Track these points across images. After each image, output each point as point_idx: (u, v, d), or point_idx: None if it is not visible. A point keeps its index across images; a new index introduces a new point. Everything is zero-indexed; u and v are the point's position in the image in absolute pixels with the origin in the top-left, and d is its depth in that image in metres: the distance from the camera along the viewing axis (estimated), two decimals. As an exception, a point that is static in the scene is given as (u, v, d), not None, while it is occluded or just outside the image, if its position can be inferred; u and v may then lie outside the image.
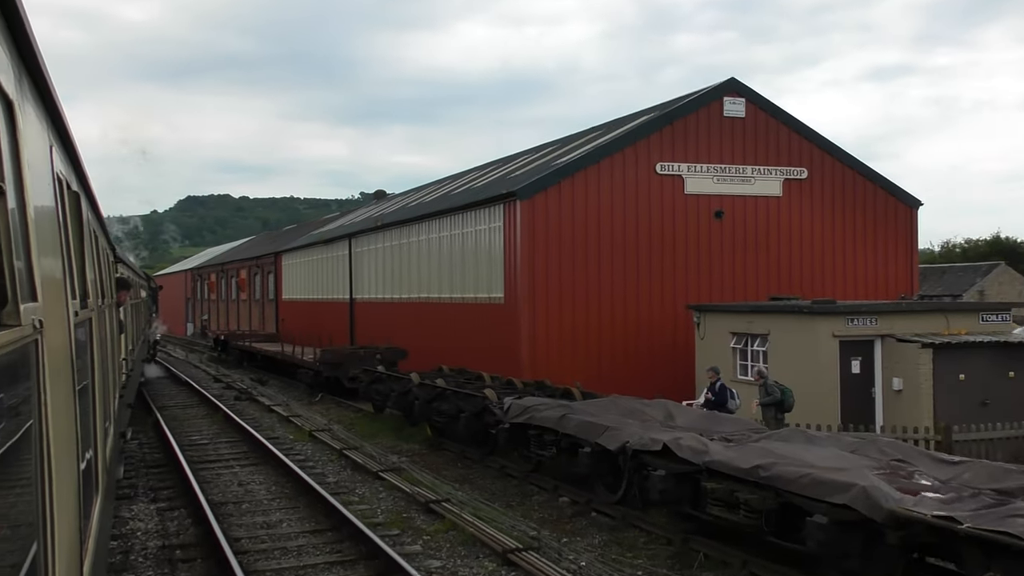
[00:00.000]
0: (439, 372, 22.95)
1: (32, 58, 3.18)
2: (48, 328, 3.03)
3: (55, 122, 4.30)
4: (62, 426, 3.41)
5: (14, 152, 2.71)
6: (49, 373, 3.02)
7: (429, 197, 36.95)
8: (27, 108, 3.16)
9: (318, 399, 28.19)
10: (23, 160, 2.81)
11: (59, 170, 4.29)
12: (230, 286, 66.15)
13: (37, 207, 3.05)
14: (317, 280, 44.25)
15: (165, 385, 34.32)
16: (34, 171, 3.09)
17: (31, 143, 3.12)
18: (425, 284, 30.64)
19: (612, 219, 24.87)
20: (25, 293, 2.61)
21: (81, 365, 4.83)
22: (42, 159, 3.58)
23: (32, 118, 3.32)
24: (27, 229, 2.78)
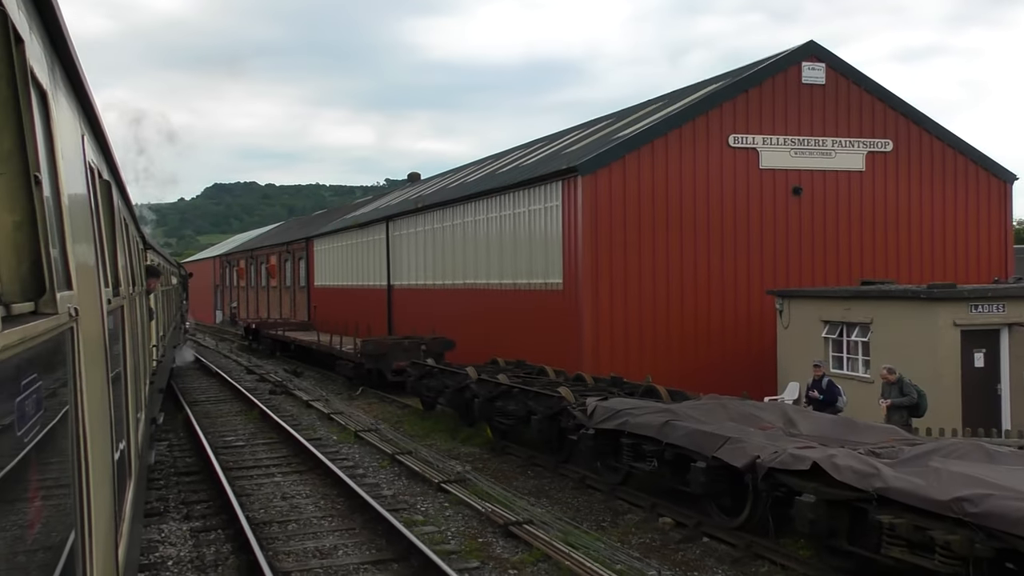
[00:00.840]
0: (495, 365, 20.90)
1: (64, 48, 3.28)
2: (83, 316, 3.08)
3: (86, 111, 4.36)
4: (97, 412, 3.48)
5: (48, 142, 2.75)
6: (84, 360, 3.06)
7: (472, 177, 34.82)
8: (60, 98, 3.22)
9: (359, 393, 26.24)
10: (57, 150, 2.88)
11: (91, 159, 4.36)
12: (259, 273, 64.48)
13: (71, 196, 3.12)
14: (352, 266, 42.32)
15: (195, 377, 32.54)
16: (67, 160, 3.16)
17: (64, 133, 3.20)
18: (471, 269, 28.57)
19: (681, 197, 22.65)
20: (61, 281, 2.65)
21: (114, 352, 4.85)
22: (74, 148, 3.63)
23: (65, 108, 3.40)
24: (62, 218, 2.85)
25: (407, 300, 34.73)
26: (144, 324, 11.38)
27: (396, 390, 25.58)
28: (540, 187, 24.08)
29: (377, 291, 38.17)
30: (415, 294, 33.81)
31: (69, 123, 3.51)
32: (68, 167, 3.12)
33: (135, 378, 7.54)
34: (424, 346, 25.72)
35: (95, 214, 4.25)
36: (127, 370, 6.21)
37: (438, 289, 31.46)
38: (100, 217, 4.63)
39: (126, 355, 6.26)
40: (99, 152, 5.29)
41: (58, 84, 3.21)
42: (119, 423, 4.99)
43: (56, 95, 3.04)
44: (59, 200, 2.81)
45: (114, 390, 4.59)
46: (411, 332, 29.47)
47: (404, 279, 35.12)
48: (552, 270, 23.36)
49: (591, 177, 21.97)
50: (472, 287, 28.42)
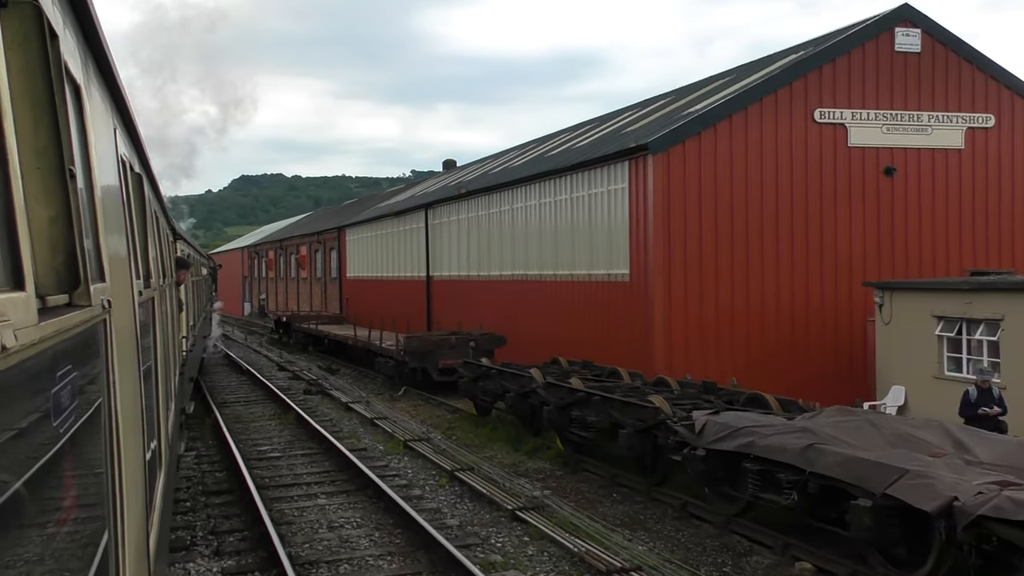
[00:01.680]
0: (556, 366, 18.72)
1: (97, 42, 3.31)
2: (115, 308, 3.11)
3: (118, 104, 4.46)
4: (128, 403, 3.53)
5: (82, 136, 2.78)
6: (116, 351, 3.10)
7: (516, 161, 32.59)
8: (93, 91, 3.29)
9: (401, 394, 24.15)
10: (90, 143, 2.92)
11: (122, 152, 4.47)
12: (289, 263, 62.65)
13: (104, 189, 3.20)
14: (387, 256, 40.24)
15: (224, 374, 30.59)
16: (100, 154, 3.23)
17: (97, 126, 3.25)
18: (520, 260, 26.36)
19: (762, 178, 20.30)
20: (94, 274, 2.68)
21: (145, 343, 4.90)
22: (107, 142, 3.72)
23: (97, 101, 3.47)
24: (95, 211, 2.90)
25: (448, 292, 32.60)
26: (174, 315, 11.56)
27: (442, 391, 23.47)
28: (602, 169, 21.81)
29: (415, 283, 36.08)
30: (457, 286, 31.67)
31: (102, 116, 3.60)
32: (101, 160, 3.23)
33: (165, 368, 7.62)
34: (473, 343, 23.59)
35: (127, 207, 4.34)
36: (157, 361, 6.28)
37: (482, 281, 29.29)
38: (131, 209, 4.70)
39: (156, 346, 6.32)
40: (130, 145, 5.34)
41: (91, 78, 3.29)
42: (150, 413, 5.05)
43: (89, 89, 3.13)
44: (92, 193, 2.91)
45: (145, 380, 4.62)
46: (456, 327, 27.33)
47: (444, 270, 32.98)
48: (617, 259, 21.11)
49: (663, 156, 19.68)
50: (521, 279, 26.22)
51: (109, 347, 2.93)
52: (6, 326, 1.51)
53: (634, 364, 18.63)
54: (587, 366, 18.26)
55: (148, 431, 4.70)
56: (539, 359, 22.36)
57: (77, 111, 2.72)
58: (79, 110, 2.76)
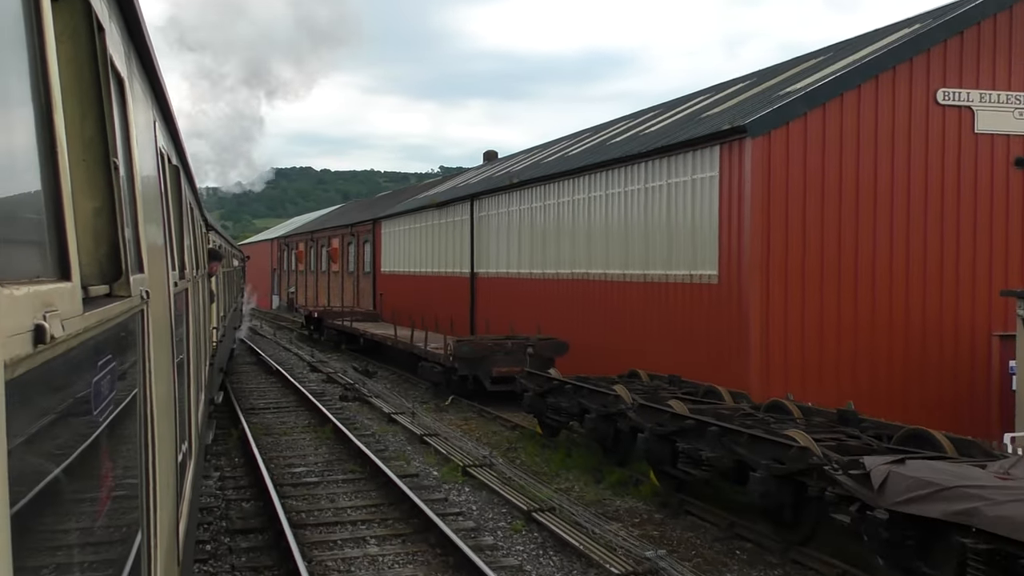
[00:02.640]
0: (636, 380, 16.13)
1: (140, 35, 3.38)
2: (152, 298, 3.15)
3: (158, 97, 4.54)
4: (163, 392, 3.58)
5: (124, 129, 2.81)
6: (153, 341, 3.14)
7: (574, 150, 29.92)
8: (135, 84, 3.36)
9: (448, 403, 21.60)
10: (132, 136, 2.97)
11: (161, 144, 4.57)
12: (320, 256, 60.42)
13: (144, 181, 3.25)
14: (426, 250, 37.73)
15: (253, 374, 28.18)
16: (141, 147, 3.29)
17: (139, 119, 3.34)
18: (581, 257, 23.73)
19: (876, 167, 17.54)
20: (134, 265, 2.70)
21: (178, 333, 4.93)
22: (147, 134, 3.81)
23: (139, 94, 3.56)
24: (135, 203, 2.94)
25: (494, 291, 30.02)
26: (206, 306, 11.54)
27: (495, 401, 20.93)
28: (685, 155, 19.12)
29: (457, 280, 33.53)
30: (504, 284, 29.07)
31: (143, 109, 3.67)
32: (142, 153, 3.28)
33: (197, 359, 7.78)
34: (531, 349, 20.99)
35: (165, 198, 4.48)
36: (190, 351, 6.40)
37: (535, 279, 26.68)
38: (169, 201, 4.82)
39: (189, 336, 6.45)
40: (168, 137, 5.42)
41: (133, 71, 3.34)
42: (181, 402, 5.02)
43: (132, 81, 3.18)
44: (133, 185, 2.94)
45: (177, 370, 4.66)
46: (507, 329, 24.76)
47: (491, 266, 30.39)
48: (703, 258, 18.42)
49: (763, 140, 16.96)
50: (581, 278, 23.59)
51: (146, 337, 2.98)
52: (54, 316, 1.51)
53: (721, 380, 16.01)
54: (675, 382, 15.62)
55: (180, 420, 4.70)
56: (601, 369, 19.79)
57: (120, 104, 2.78)
58: (122, 103, 2.83)
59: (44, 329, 1.42)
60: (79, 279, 1.83)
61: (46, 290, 1.53)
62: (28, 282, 1.48)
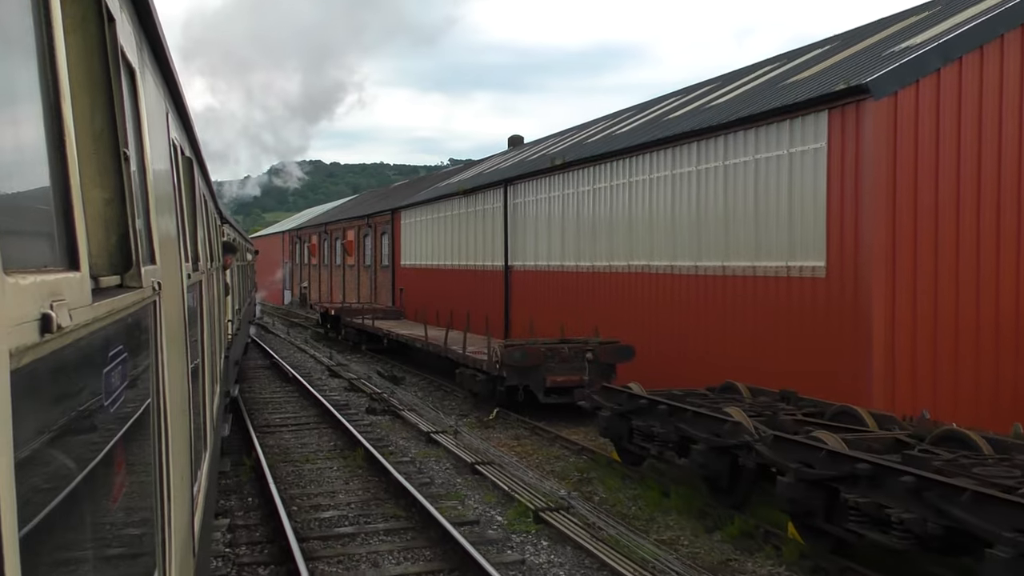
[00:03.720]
0: (735, 395, 13.15)
1: (151, 25, 3.36)
2: (165, 290, 3.15)
3: (170, 88, 4.56)
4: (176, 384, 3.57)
5: (136, 119, 2.80)
6: (165, 332, 3.12)
7: (623, 128, 26.85)
8: (147, 76, 3.34)
9: (493, 417, 18.63)
10: (144, 127, 2.94)
11: (174, 136, 4.55)
12: (334, 249, 57.52)
13: (156, 172, 3.23)
14: (452, 242, 34.74)
15: (266, 380, 25.24)
16: (153, 137, 3.27)
17: (151, 110, 3.32)
18: (642, 247, 20.72)
19: (1023, 134, 14.49)
20: (145, 256, 2.68)
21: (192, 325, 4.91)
22: (159, 125, 3.80)
23: (151, 86, 3.54)
24: (147, 194, 2.91)
25: (533, 286, 27.01)
26: (220, 298, 11.50)
27: (547, 414, 18.01)
28: (780, 124, 16.07)
29: (488, 273, 30.54)
30: (545, 279, 26.07)
31: (155, 100, 3.64)
32: (154, 144, 3.25)
33: (211, 351, 7.72)
34: (590, 354, 17.99)
35: (177, 190, 4.46)
36: (204, 343, 6.32)
37: (583, 273, 23.68)
38: (182, 193, 4.78)
39: (203, 328, 6.31)
40: (181, 128, 5.42)
41: (145, 62, 3.32)
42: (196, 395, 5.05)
43: (143, 73, 3.15)
44: (145, 176, 2.91)
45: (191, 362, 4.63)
46: (559, 331, 21.78)
47: (529, 259, 27.38)
48: (804, 247, 15.39)
49: (888, 102, 13.90)
50: (643, 271, 20.58)
51: (158, 328, 2.95)
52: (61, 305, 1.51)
53: (830, 392, 13.09)
54: (790, 398, 12.60)
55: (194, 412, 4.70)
56: (671, 379, 16.91)
57: (132, 95, 2.76)
58: (133, 94, 2.80)
59: (51, 318, 1.41)
60: (88, 269, 1.84)
61: (53, 279, 1.53)
62: (35, 271, 1.48)
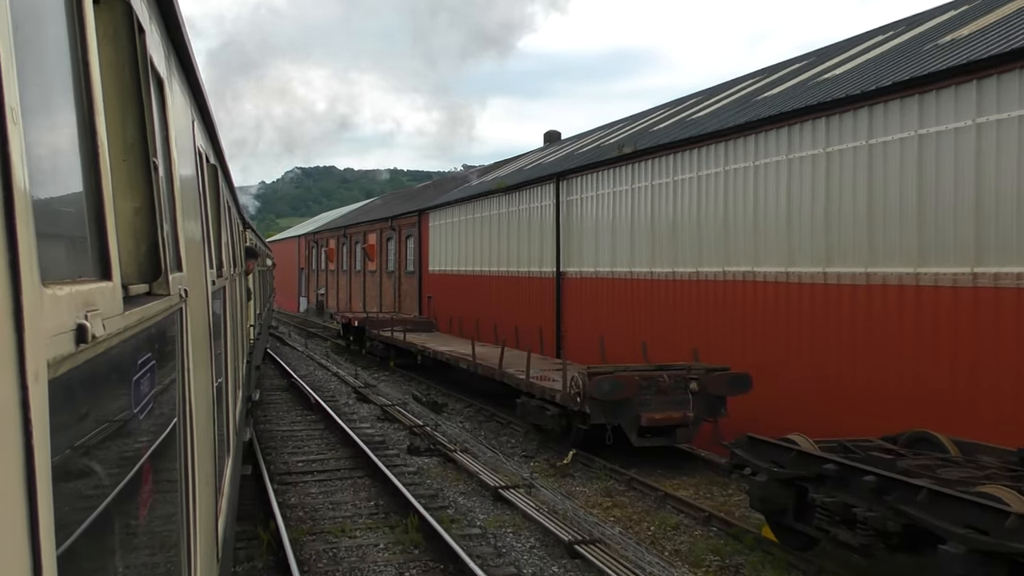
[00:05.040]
0: (925, 448, 9.33)
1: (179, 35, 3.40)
2: (191, 297, 3.18)
3: (196, 97, 4.61)
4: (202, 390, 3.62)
5: (164, 129, 2.82)
6: (191, 339, 3.17)
7: (700, 111, 23.01)
8: (174, 85, 3.40)
9: (568, 461, 14.84)
10: (171, 136, 2.99)
11: (200, 144, 4.64)
12: (354, 254, 53.88)
13: (183, 181, 3.27)
14: (489, 245, 30.96)
15: (284, 408, 21.46)
16: (180, 146, 3.32)
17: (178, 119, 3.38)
18: (742, 250, 16.91)
19: None
20: (173, 264, 2.71)
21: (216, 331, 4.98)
22: (186, 134, 3.84)
23: (178, 94, 3.59)
24: (175, 203, 2.95)
25: (593, 296, 23.20)
26: (243, 304, 11.72)
27: (637, 458, 14.25)
28: (966, 84, 12.25)
29: (535, 281, 26.74)
30: (609, 288, 22.26)
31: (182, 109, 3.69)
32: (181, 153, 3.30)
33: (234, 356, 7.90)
34: (695, 384, 14.19)
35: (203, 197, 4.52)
36: (227, 348, 6.39)
37: (660, 280, 19.87)
38: (207, 200, 4.85)
39: (227, 334, 6.42)
40: (206, 136, 5.48)
41: (173, 71, 3.36)
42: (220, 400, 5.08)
43: (171, 82, 3.20)
44: (172, 185, 2.94)
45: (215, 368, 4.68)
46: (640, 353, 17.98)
47: (587, 264, 23.57)
48: (996, 249, 11.55)
49: None
50: (743, 279, 16.77)
51: (185, 335, 2.99)
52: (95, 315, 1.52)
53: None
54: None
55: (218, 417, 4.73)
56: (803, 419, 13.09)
57: (160, 104, 2.78)
58: (162, 103, 2.83)
59: (86, 328, 1.42)
60: (119, 278, 1.86)
61: (87, 289, 1.54)
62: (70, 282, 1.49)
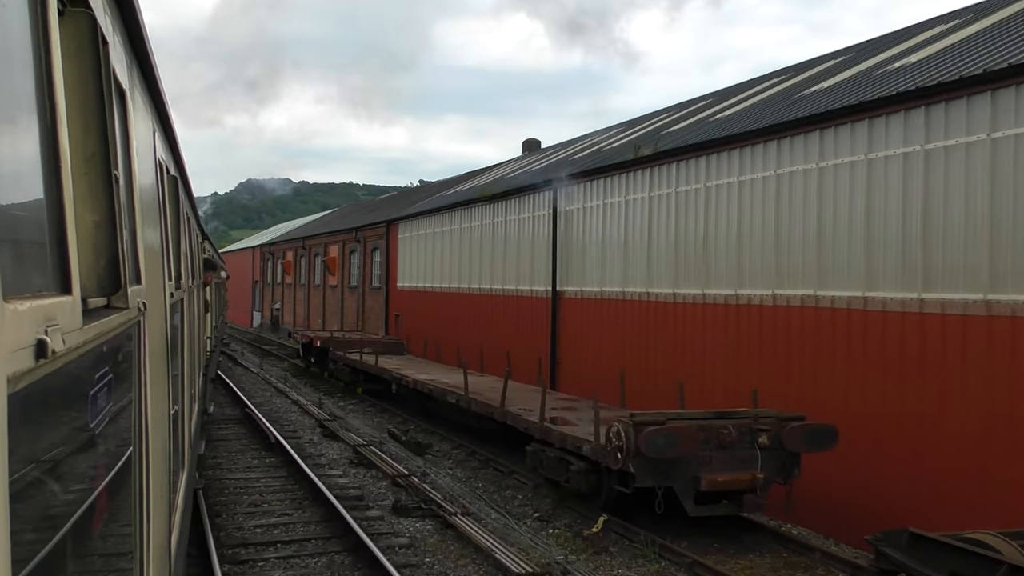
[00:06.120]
0: None
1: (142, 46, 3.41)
2: (150, 309, 3.15)
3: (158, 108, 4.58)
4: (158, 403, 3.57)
5: (125, 141, 2.80)
6: (149, 352, 3.12)
7: (730, 108, 20.18)
8: (136, 96, 3.36)
9: (597, 529, 11.76)
10: (132, 148, 2.97)
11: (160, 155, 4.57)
12: (313, 267, 50.44)
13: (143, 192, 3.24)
14: (469, 260, 27.88)
15: (239, 445, 18.04)
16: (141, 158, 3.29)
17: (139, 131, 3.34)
18: (803, 268, 14.08)
19: None
20: (131, 277, 2.67)
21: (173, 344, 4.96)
22: (147, 146, 3.81)
23: (140, 106, 3.56)
24: (134, 215, 2.91)
25: (595, 318, 20.23)
26: (200, 316, 11.85)
27: (684, 527, 11.23)
28: None
29: (525, 301, 23.72)
30: (618, 309, 19.32)
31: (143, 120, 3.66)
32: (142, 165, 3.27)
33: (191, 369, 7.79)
34: (764, 435, 11.23)
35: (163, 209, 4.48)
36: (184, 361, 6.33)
37: (689, 304, 16.98)
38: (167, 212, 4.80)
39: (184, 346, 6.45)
40: (167, 147, 5.47)
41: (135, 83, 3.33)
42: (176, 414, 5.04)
43: (133, 93, 3.17)
44: (132, 197, 2.89)
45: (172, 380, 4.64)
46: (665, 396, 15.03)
47: (590, 283, 20.61)
48: None
49: None
50: (802, 304, 13.93)
51: (143, 348, 2.95)
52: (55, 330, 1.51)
53: None
54: None
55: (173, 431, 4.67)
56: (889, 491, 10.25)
57: (122, 116, 2.75)
58: (123, 115, 2.81)
59: (46, 344, 1.42)
60: (79, 292, 1.84)
61: (48, 304, 1.52)
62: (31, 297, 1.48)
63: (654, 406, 15.80)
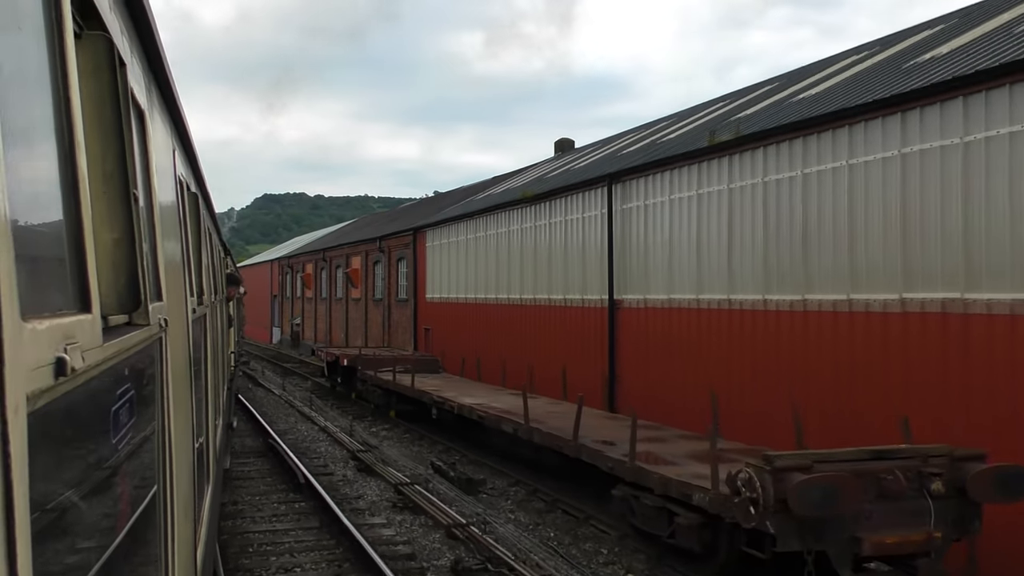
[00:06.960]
0: None
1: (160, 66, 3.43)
2: (171, 326, 3.18)
3: (177, 126, 4.57)
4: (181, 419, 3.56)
5: (144, 160, 2.82)
6: (171, 368, 3.12)
7: (814, 87, 17.67)
8: (155, 115, 3.38)
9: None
10: (152, 167, 2.96)
11: (180, 172, 4.60)
12: (334, 279, 48.15)
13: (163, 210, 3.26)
14: (508, 267, 25.42)
15: (262, 486, 15.63)
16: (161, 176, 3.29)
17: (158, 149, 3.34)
18: (972, 264, 11.58)
19: None
20: (152, 294, 2.68)
21: (196, 359, 4.90)
22: (167, 163, 3.86)
23: (159, 125, 3.56)
24: (155, 233, 2.91)
25: (663, 329, 17.74)
26: (224, 330, 11.69)
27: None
28: None
29: (574, 312, 21.25)
30: (691, 319, 16.84)
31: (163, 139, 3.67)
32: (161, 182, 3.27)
33: (215, 383, 7.71)
34: (937, 481, 8.71)
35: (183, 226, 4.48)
36: (207, 376, 6.26)
37: (786, 312, 14.49)
38: (188, 229, 4.79)
39: (207, 361, 6.35)
40: (187, 165, 5.48)
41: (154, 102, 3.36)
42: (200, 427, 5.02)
43: (152, 113, 3.18)
44: (152, 215, 2.90)
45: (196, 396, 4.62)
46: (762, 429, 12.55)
47: (656, 291, 18.11)
48: None
49: None
50: (962, 308, 11.43)
51: (165, 364, 2.96)
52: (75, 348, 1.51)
53: None
54: None
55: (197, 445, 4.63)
56: None
57: (140, 136, 2.76)
58: (142, 134, 2.82)
59: (65, 362, 1.42)
60: (99, 310, 1.84)
61: (67, 322, 1.53)
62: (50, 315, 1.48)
63: (754, 437, 13.32)
